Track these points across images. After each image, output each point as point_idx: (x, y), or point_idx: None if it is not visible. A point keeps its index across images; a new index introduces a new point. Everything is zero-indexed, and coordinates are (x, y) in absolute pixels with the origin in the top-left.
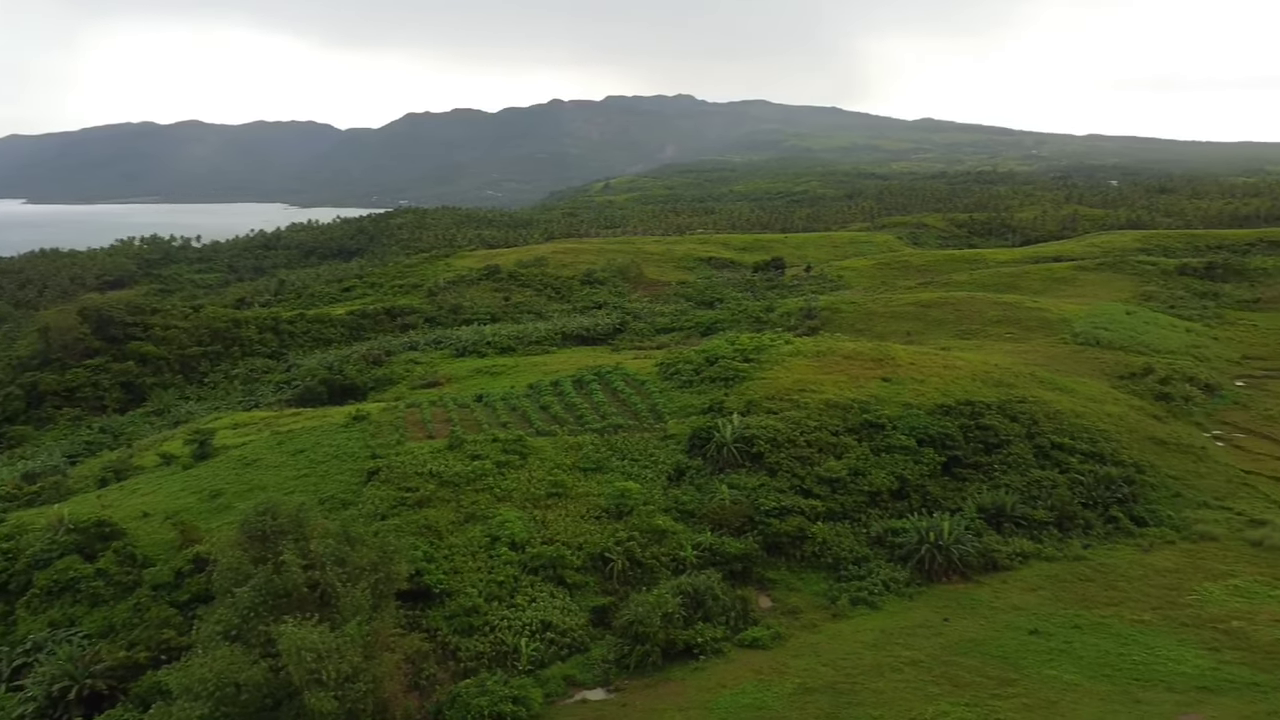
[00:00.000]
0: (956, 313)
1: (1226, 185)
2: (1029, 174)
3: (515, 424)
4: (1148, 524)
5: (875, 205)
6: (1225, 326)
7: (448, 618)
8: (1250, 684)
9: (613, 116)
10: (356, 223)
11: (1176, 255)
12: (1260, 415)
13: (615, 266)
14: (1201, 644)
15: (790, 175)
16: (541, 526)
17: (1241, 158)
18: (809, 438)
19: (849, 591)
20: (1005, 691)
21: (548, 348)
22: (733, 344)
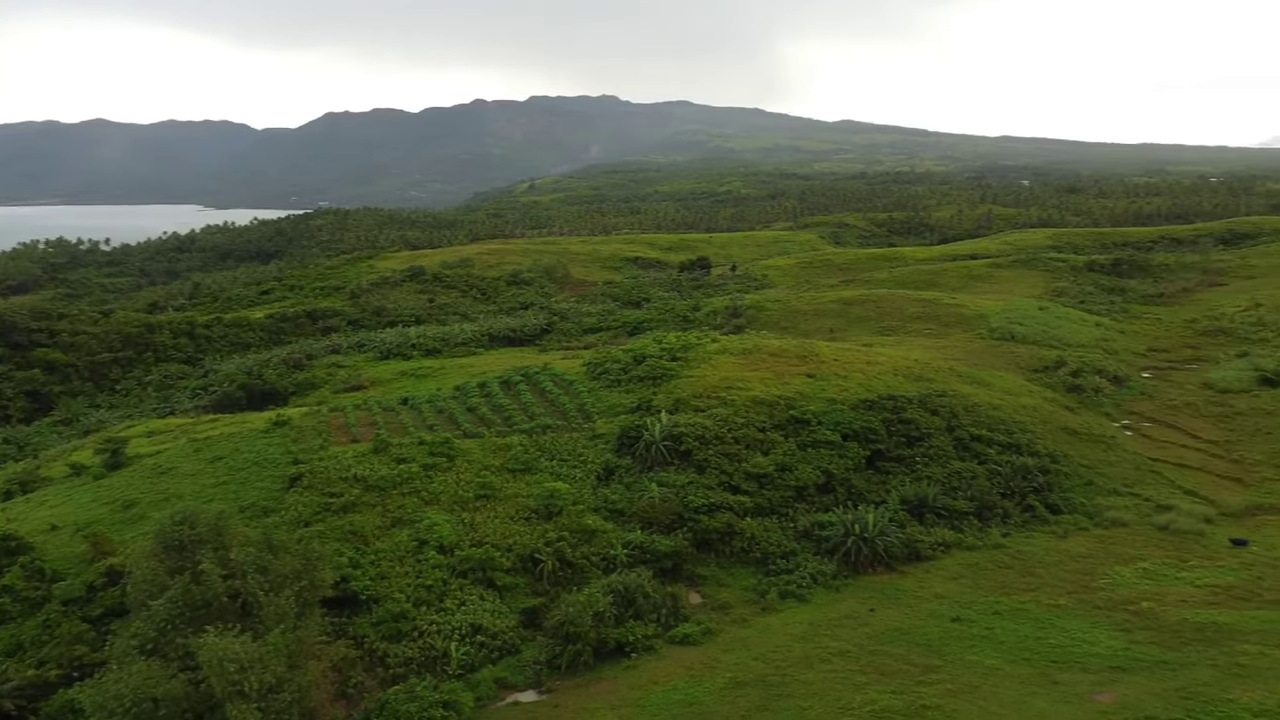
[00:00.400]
0: (878, 310)
1: (1130, 185)
2: (945, 174)
3: (442, 426)
4: (1062, 512)
5: (798, 205)
6: (1131, 320)
7: (375, 624)
8: (1159, 662)
9: (537, 117)
10: (275, 224)
11: (1085, 252)
12: (1164, 405)
13: (541, 267)
14: (1114, 625)
15: (714, 175)
16: (470, 529)
17: (1143, 159)
18: (736, 435)
19: (778, 585)
20: (930, 678)
21: (474, 349)
22: (660, 343)
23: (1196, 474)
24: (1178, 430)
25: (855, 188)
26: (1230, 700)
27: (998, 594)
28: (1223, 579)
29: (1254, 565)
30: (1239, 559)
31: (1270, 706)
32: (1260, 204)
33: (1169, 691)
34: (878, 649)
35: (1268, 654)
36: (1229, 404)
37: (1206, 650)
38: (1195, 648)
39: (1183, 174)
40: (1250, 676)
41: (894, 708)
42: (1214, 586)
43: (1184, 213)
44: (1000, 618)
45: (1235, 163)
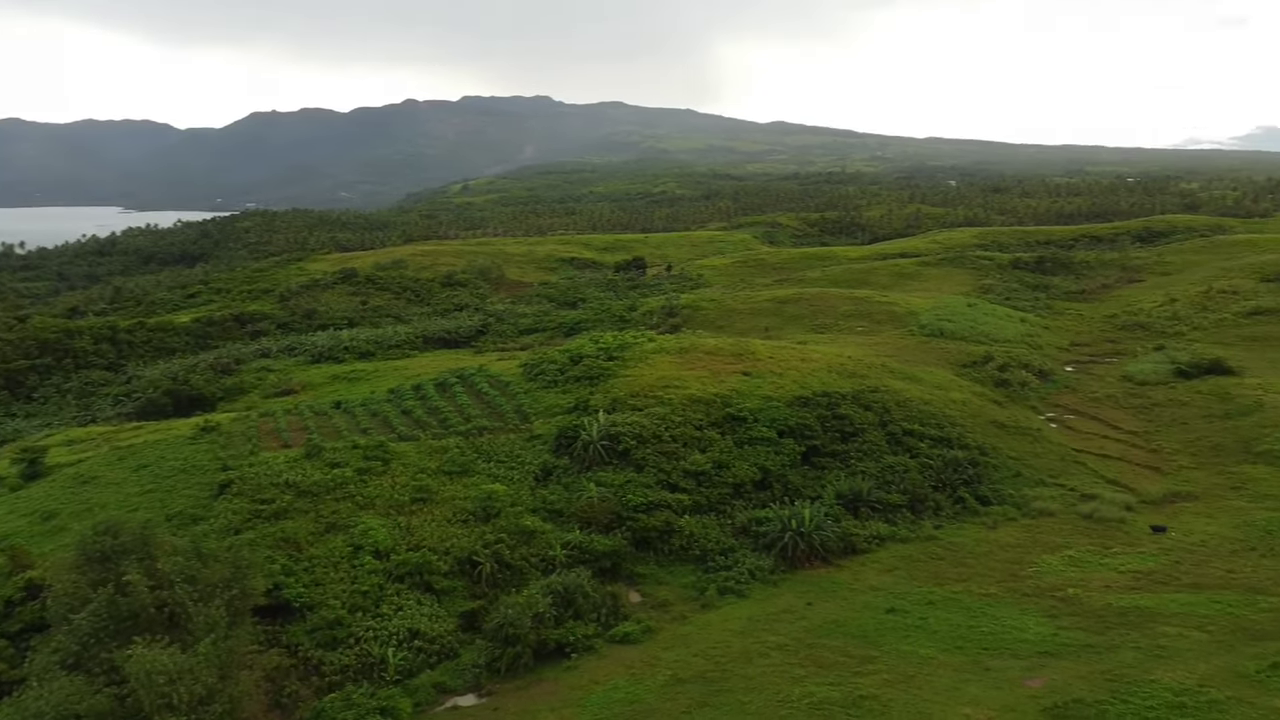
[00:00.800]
0: (811, 308)
1: (1052, 185)
2: (875, 175)
3: (376, 430)
4: (992, 503)
5: (732, 205)
6: (1055, 316)
7: (310, 632)
8: (1085, 646)
9: (470, 117)
10: (200, 226)
11: (1010, 251)
12: (1087, 397)
13: (476, 268)
14: (1042, 612)
15: (649, 176)
16: (407, 533)
17: (1064, 159)
18: (674, 433)
19: (716, 582)
20: (866, 669)
21: (408, 351)
22: (597, 343)
23: (1118, 464)
24: (1099, 422)
25: (788, 188)
26: (1153, 681)
27: (931, 585)
28: (1144, 564)
29: (1172, 550)
30: (1158, 545)
31: (1190, 685)
32: (1174, 203)
33: (1095, 674)
34: (815, 642)
35: (1186, 635)
36: (1147, 395)
37: (1129, 633)
38: (1119, 631)
39: (1102, 174)
40: (1171, 657)
41: (832, 699)
42: (1136, 572)
43: (1103, 212)
44: (934, 608)
45: (1150, 163)
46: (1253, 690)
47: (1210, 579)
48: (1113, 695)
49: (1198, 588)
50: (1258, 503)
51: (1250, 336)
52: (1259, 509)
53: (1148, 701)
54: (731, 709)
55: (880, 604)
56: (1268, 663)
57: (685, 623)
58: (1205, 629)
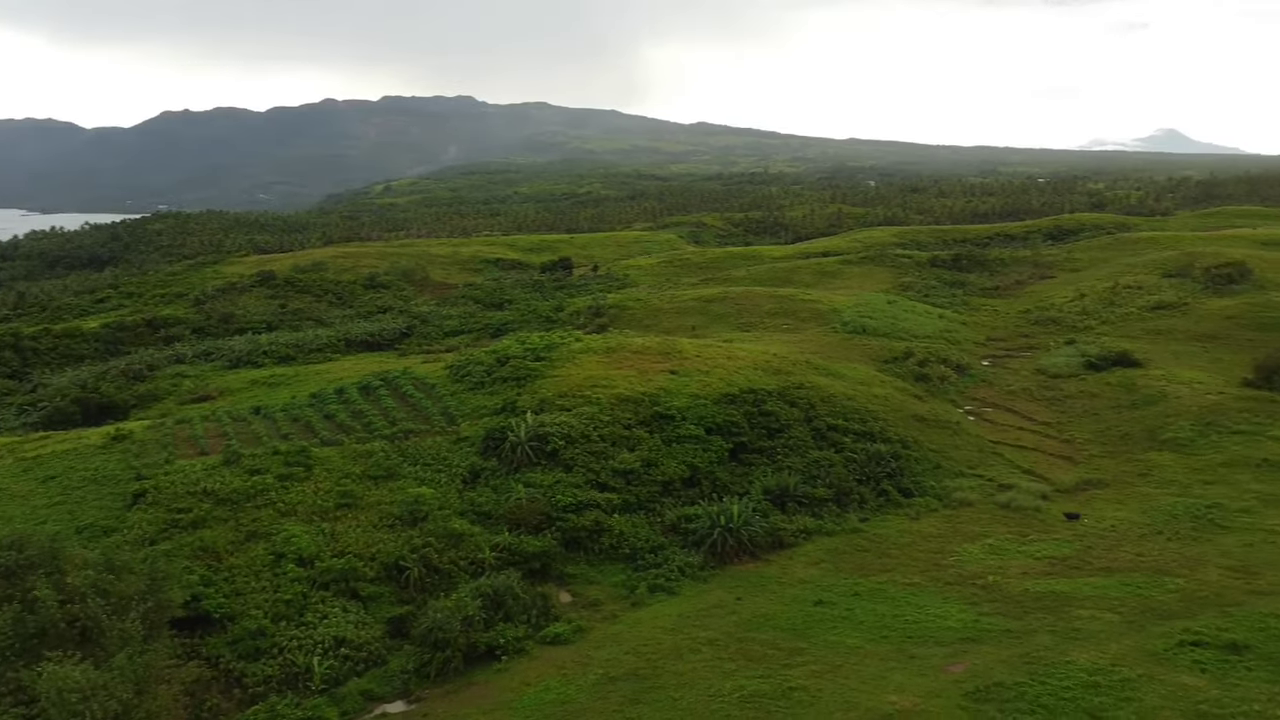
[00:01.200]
0: (737, 306)
1: (967, 185)
2: (797, 175)
3: (298, 435)
4: (914, 495)
5: (657, 205)
6: (972, 312)
7: (231, 643)
8: (1005, 631)
9: (391, 117)
10: (109, 229)
11: (928, 249)
12: (1003, 391)
13: (399, 270)
14: (963, 600)
15: (574, 176)
16: (331, 539)
17: (978, 160)
18: (602, 432)
19: (647, 580)
20: (795, 660)
21: (331, 355)
22: (523, 344)
23: (1033, 454)
24: (1015, 414)
25: (712, 188)
26: (1068, 662)
27: (857, 576)
28: (1058, 551)
29: (1085, 536)
30: (1072, 531)
31: (1103, 665)
32: (1081, 202)
33: (1014, 658)
34: (745, 636)
35: (1099, 617)
36: (1059, 388)
37: (1046, 617)
38: (1036, 616)
39: (1014, 175)
40: (1085, 639)
41: (762, 691)
42: (1051, 558)
43: (1015, 211)
44: (859, 599)
45: (1059, 164)
46: (1161, 668)
47: (1121, 563)
48: (1031, 677)
49: (1109, 571)
50: (1163, 489)
51: (1154, 330)
52: (1164, 494)
53: (1064, 682)
54: (663, 705)
55: (808, 596)
56: (1174, 640)
57: (616, 621)
58: (1117, 610)
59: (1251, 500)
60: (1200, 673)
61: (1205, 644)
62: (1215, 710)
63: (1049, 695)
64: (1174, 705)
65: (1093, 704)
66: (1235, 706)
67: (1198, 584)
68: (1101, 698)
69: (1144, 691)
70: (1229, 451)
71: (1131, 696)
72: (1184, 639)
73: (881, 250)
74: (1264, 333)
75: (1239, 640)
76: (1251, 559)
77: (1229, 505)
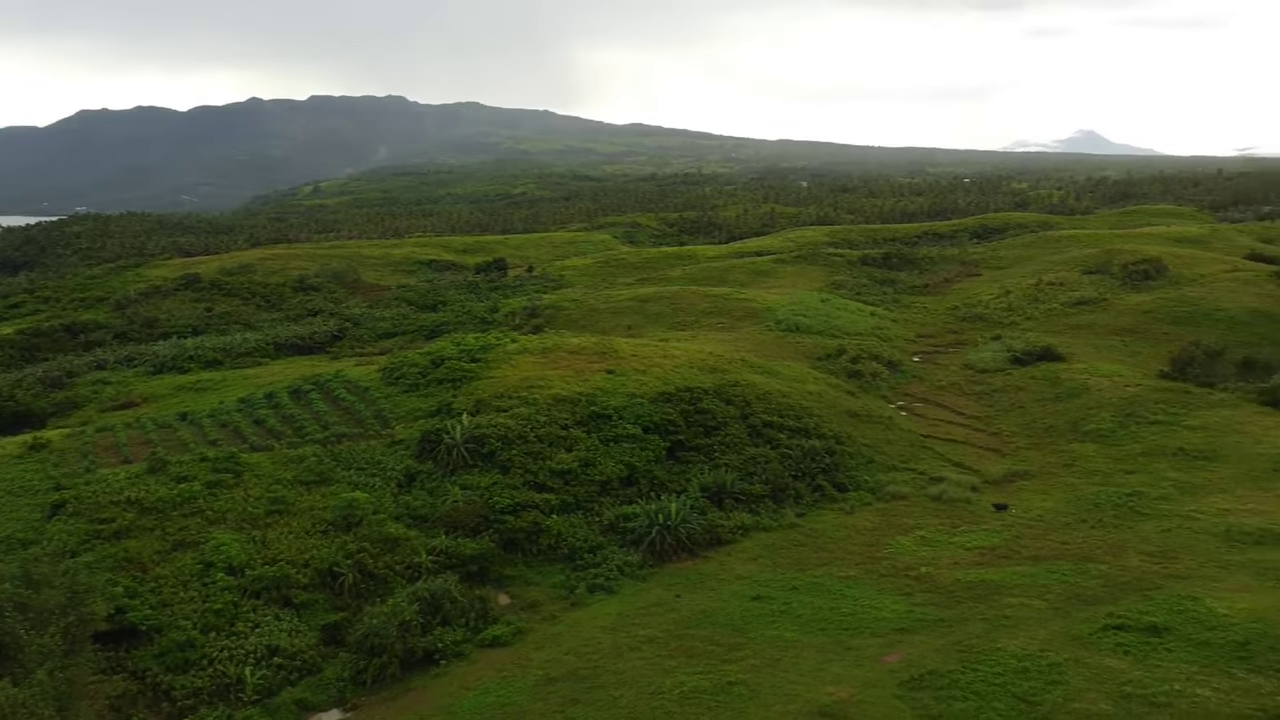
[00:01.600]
0: (672, 306)
1: (896, 185)
2: (730, 175)
3: (226, 441)
4: (848, 489)
5: (592, 206)
6: (902, 309)
7: (158, 656)
8: (937, 620)
9: (319, 117)
10: (23, 232)
11: (859, 248)
12: (933, 386)
13: (330, 272)
14: (898, 591)
15: (508, 177)
16: (262, 546)
17: (907, 161)
18: (539, 433)
19: (586, 580)
20: (734, 655)
21: (260, 359)
22: (458, 345)
23: (962, 447)
24: (945, 408)
25: (647, 189)
26: (999, 649)
27: (794, 571)
28: (988, 541)
29: (1013, 526)
30: (1001, 521)
31: (1032, 650)
32: (1006, 201)
33: (946, 646)
34: (685, 633)
35: (1027, 604)
36: (987, 382)
37: (977, 606)
38: (967, 605)
39: (940, 175)
40: (1014, 626)
41: (702, 688)
42: (981, 548)
43: (943, 210)
44: (797, 593)
45: (984, 165)
46: (1086, 651)
47: (1047, 551)
48: (963, 665)
49: (1037, 560)
50: (1086, 479)
51: (1075, 325)
52: (1087, 484)
53: (995, 668)
54: (604, 704)
55: (746, 592)
56: (1099, 625)
57: (556, 622)
58: (1044, 597)
59: (1169, 488)
60: (1123, 655)
61: (1128, 627)
62: (1138, 691)
63: (981, 681)
64: (1099, 687)
65: (1022, 688)
66: (1156, 686)
67: (1120, 570)
68: (1031, 682)
69: (1070, 675)
70: (1147, 441)
71: (1059, 680)
72: (1108, 623)
73: (814, 249)
74: (1178, 326)
75: (1159, 622)
76: (1170, 544)
77: (1148, 493)
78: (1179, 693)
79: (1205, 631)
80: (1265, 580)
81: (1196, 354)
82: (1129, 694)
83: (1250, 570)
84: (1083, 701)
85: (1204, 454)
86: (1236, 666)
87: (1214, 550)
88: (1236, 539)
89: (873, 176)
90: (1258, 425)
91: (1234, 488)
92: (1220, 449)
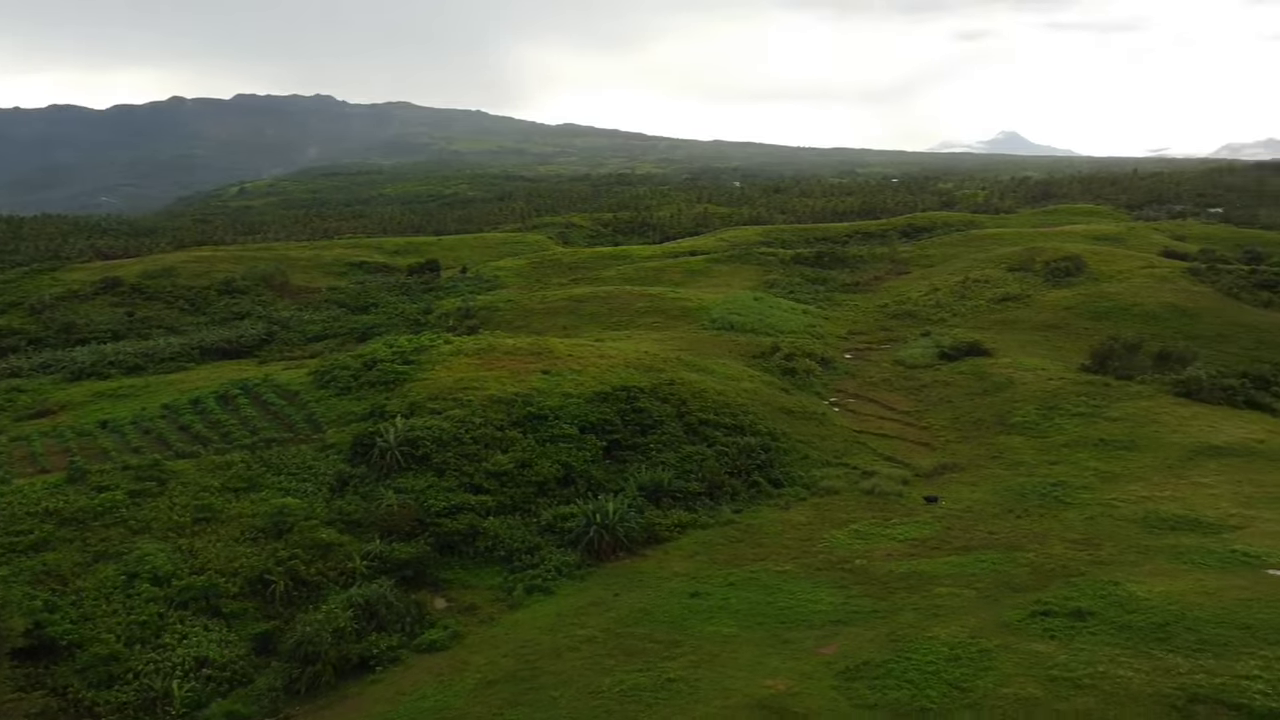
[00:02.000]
0: (607, 306)
1: (827, 185)
2: (664, 176)
3: (150, 448)
4: (784, 485)
5: (526, 206)
6: (834, 307)
7: (80, 670)
8: (871, 612)
9: (244, 116)
10: None
11: (792, 247)
12: (865, 382)
13: (258, 274)
14: (833, 584)
15: (440, 178)
16: (189, 556)
17: (837, 161)
18: (475, 434)
19: (523, 581)
20: (673, 652)
21: (184, 364)
22: (391, 347)
23: (894, 442)
24: (876, 404)
25: (581, 189)
26: (931, 637)
27: (731, 567)
28: (920, 532)
29: (944, 518)
30: (931, 513)
31: (963, 638)
32: (933, 201)
33: (881, 637)
34: (623, 631)
35: (958, 593)
36: (916, 378)
37: (910, 596)
38: (900, 595)
39: (870, 175)
40: (946, 614)
41: (641, 685)
42: (913, 540)
43: (873, 209)
44: (734, 588)
45: (911, 165)
46: (1015, 637)
47: (976, 541)
48: (897, 654)
49: (966, 550)
50: (1012, 470)
51: (1000, 320)
52: (1013, 475)
53: (927, 657)
54: (543, 705)
55: (684, 589)
56: (1027, 611)
57: (493, 624)
58: (974, 586)
59: (1091, 477)
60: (1050, 640)
61: (1054, 613)
62: (1065, 674)
63: (914, 670)
64: (1028, 672)
65: (955, 675)
66: (1082, 669)
67: (1046, 557)
68: (962, 669)
69: (1001, 661)
70: (1070, 432)
71: (990, 666)
72: (1035, 609)
73: (747, 249)
74: (1098, 321)
75: (1083, 607)
76: (1092, 531)
77: (1071, 483)
78: (1103, 674)
79: (1126, 615)
80: (1181, 564)
81: (1115, 348)
82: (1056, 677)
83: (1167, 554)
84: (1012, 686)
85: (1123, 444)
86: (1156, 647)
87: (1134, 536)
88: (1154, 525)
89: (804, 177)
90: (1173, 415)
91: (1151, 475)
92: (1139, 439)
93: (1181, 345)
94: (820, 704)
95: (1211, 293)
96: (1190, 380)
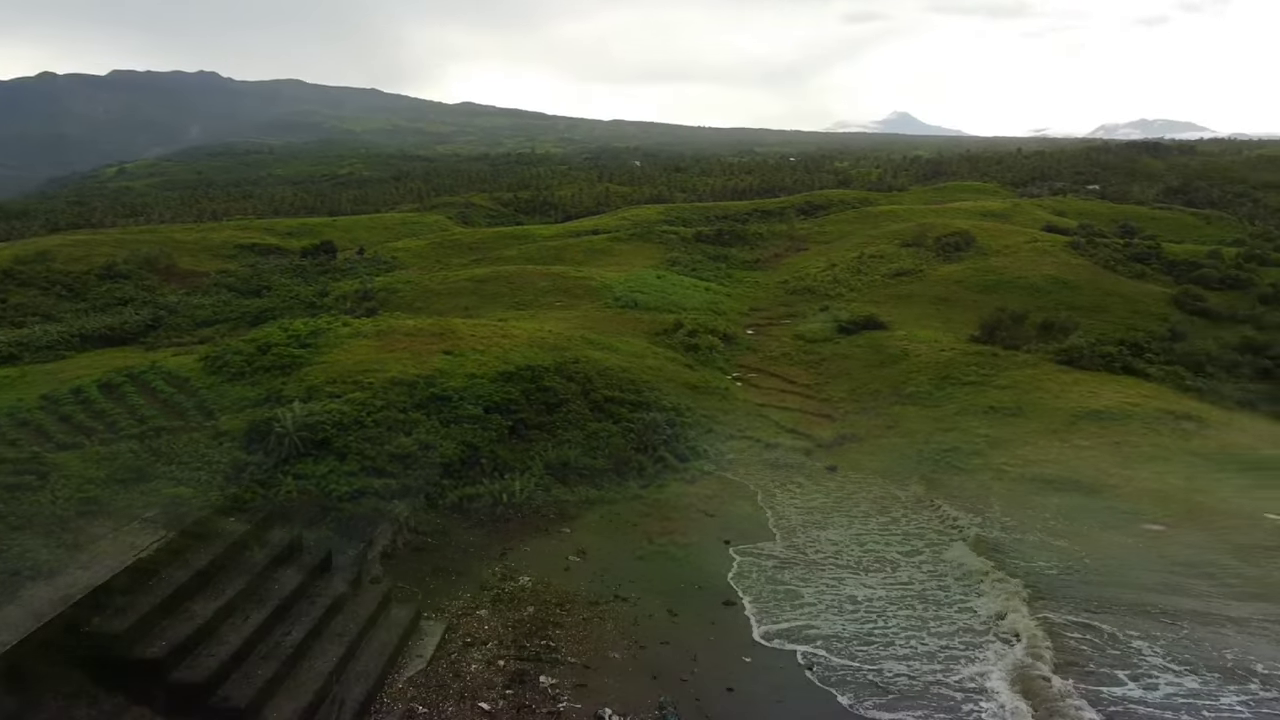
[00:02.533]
0: (510, 286)
1: (727, 164)
2: (564, 155)
3: (28, 441)
4: (689, 459)
5: (423, 186)
6: (735, 284)
7: None
8: None
9: (122, 93)
10: None
11: (693, 225)
12: (766, 357)
13: (141, 258)
14: (739, 552)
15: (333, 158)
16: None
17: (735, 141)
18: (376, 417)
19: (430, 564)
20: None
21: (63, 352)
22: (287, 330)
23: (795, 414)
24: (778, 378)
25: (480, 169)
26: None
27: (641, 541)
28: (820, 500)
29: (843, 485)
30: (832, 481)
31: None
32: (829, 179)
33: None
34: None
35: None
36: (816, 351)
37: None
38: None
39: (768, 154)
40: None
41: None
42: (813, 508)
43: (771, 188)
44: (643, 562)
45: (807, 144)
46: None
47: None
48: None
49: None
50: (907, 439)
51: (895, 294)
52: (909, 443)
53: None
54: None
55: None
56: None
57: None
58: None
59: (981, 443)
60: None
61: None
62: None
63: None
64: None
65: None
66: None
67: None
68: None
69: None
70: (961, 401)
71: None
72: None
73: (649, 227)
74: (986, 294)
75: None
76: (983, 493)
77: (963, 449)
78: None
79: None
80: (1064, 522)
81: (1003, 319)
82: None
83: (1053, 512)
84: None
85: (1011, 410)
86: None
87: (1021, 496)
88: (1041, 486)
89: (704, 156)
90: (1056, 382)
91: (1037, 439)
92: (1025, 405)
93: (1064, 315)
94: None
95: (1090, 265)
96: (1072, 349)
